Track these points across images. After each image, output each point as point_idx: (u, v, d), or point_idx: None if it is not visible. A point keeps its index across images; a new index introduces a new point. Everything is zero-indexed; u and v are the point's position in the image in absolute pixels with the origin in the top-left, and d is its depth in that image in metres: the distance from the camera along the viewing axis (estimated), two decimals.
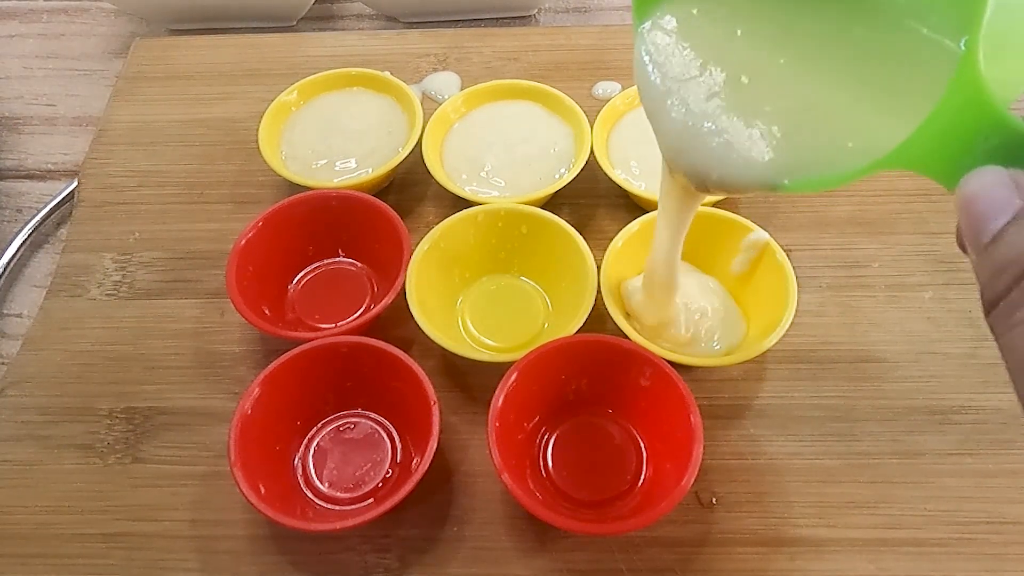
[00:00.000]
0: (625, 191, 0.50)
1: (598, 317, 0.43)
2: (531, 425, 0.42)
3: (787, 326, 0.42)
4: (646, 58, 0.32)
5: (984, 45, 0.22)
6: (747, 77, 0.30)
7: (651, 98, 0.32)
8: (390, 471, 0.41)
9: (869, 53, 0.28)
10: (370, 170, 0.52)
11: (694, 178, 0.32)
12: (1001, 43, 0.23)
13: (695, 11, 0.32)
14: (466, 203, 0.49)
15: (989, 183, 0.22)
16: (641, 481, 0.40)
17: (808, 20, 0.29)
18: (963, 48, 0.22)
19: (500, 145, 0.52)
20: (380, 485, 0.41)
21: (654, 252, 0.40)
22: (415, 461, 0.39)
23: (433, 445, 0.38)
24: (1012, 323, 0.21)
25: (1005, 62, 0.24)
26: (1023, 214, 0.21)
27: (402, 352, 0.41)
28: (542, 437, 0.42)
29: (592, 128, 0.52)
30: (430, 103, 0.59)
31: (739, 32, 0.31)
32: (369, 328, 0.45)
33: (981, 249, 0.22)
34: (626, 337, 0.42)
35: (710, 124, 0.30)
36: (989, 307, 0.22)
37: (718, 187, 0.31)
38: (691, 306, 0.44)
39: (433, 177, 0.51)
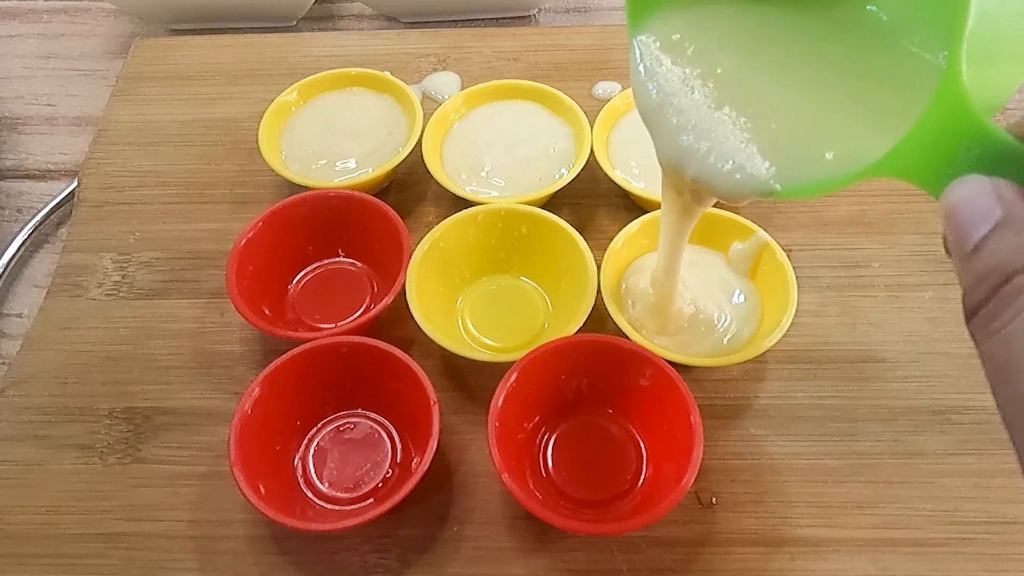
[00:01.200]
0: (625, 191, 0.50)
1: (598, 317, 0.43)
2: (531, 425, 0.42)
3: (787, 326, 0.42)
4: (641, 70, 0.32)
5: (968, 54, 0.22)
6: (739, 90, 0.31)
7: (647, 109, 0.32)
8: (390, 471, 0.41)
9: (856, 67, 0.28)
10: (370, 170, 0.52)
11: (690, 183, 0.32)
12: (986, 52, 0.24)
13: (688, 24, 0.32)
14: (466, 203, 0.49)
15: (972, 192, 0.22)
16: (641, 481, 0.40)
17: (796, 35, 0.30)
18: (945, 60, 0.23)
19: (500, 145, 0.52)
20: (380, 485, 0.41)
21: (659, 250, 0.41)
22: (415, 461, 0.39)
23: (433, 445, 0.38)
24: (990, 331, 0.21)
25: (990, 70, 0.25)
26: (1004, 223, 0.21)
27: (402, 352, 0.41)
28: (542, 437, 0.42)
29: (592, 128, 0.52)
30: (430, 103, 0.58)
31: (731, 46, 0.31)
32: (369, 328, 0.45)
33: (964, 257, 0.22)
34: (626, 337, 0.42)
35: (703, 135, 0.31)
36: (970, 315, 0.22)
37: (712, 194, 0.32)
38: (731, 287, 0.45)
39: (433, 177, 0.51)
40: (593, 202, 0.53)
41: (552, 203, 0.51)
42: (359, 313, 0.47)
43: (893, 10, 0.27)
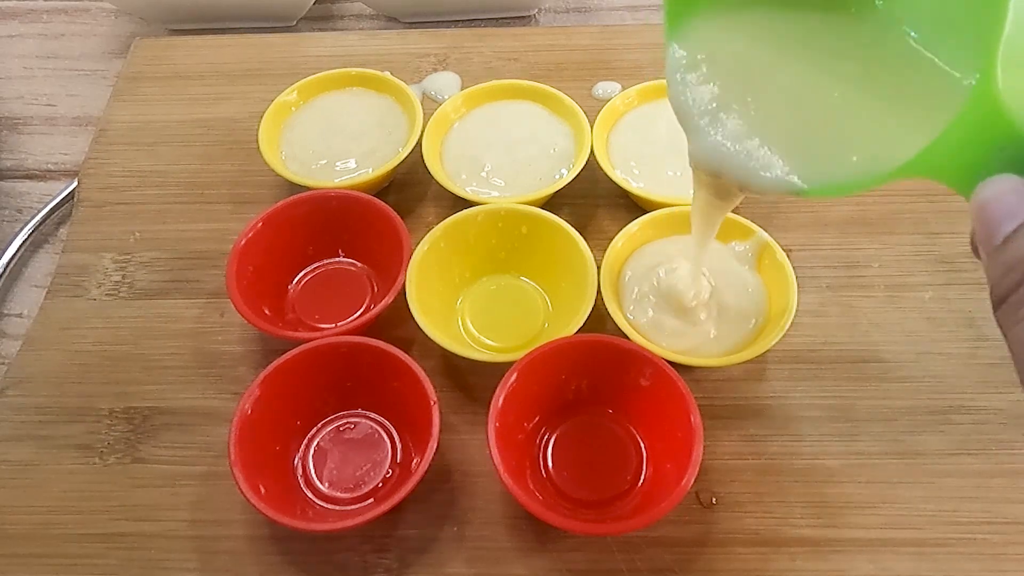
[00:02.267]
0: (625, 191, 0.50)
1: (598, 317, 0.43)
2: (531, 425, 0.42)
3: (787, 326, 0.42)
4: (677, 76, 0.33)
5: (1001, 60, 0.23)
6: (769, 94, 0.32)
7: (681, 112, 0.33)
8: (390, 471, 0.41)
9: (885, 72, 0.29)
10: (370, 170, 0.52)
11: (720, 180, 0.33)
12: (1018, 58, 0.24)
13: (722, 31, 0.33)
14: (466, 203, 0.49)
15: (1002, 190, 0.23)
16: (641, 481, 0.40)
17: (826, 42, 0.31)
18: (979, 67, 0.24)
19: (500, 145, 0.52)
20: (380, 485, 0.41)
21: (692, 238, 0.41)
22: (415, 461, 0.39)
23: (433, 445, 0.38)
24: (1018, 318, 0.22)
25: (1019, 75, 0.25)
26: None
27: (402, 352, 0.41)
28: (542, 437, 0.42)
29: (592, 128, 0.52)
30: (430, 103, 0.58)
31: (762, 54, 0.32)
32: (369, 328, 0.45)
33: (992, 251, 0.23)
34: (626, 337, 0.42)
35: (734, 135, 0.31)
36: (997, 304, 0.23)
37: (745, 190, 0.33)
38: (744, 279, 0.45)
39: (433, 177, 0.51)
40: (593, 202, 0.53)
41: (552, 203, 0.51)
42: (359, 313, 0.47)
43: (924, 23, 0.28)
